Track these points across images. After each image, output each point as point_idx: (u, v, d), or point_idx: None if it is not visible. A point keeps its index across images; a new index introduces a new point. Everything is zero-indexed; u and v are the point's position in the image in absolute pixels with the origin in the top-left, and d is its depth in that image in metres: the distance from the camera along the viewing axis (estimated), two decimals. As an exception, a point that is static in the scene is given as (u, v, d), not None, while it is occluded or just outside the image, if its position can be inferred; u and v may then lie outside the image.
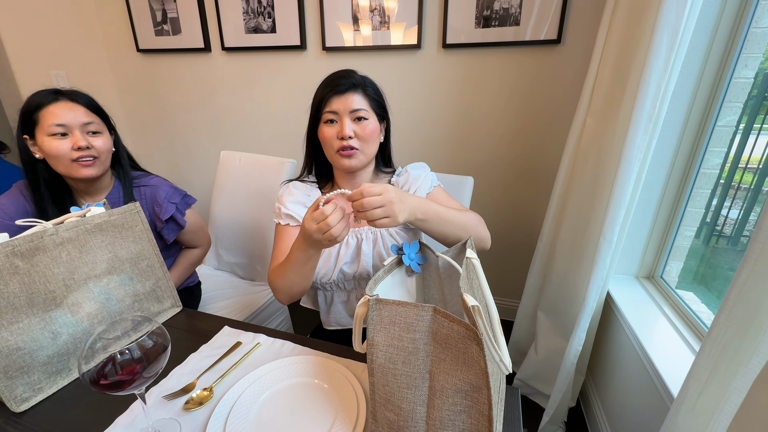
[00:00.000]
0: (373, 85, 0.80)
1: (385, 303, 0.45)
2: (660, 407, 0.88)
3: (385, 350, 0.45)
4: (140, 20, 1.84)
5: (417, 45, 1.52)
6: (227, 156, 1.45)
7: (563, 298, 1.23)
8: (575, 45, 1.37)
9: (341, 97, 0.75)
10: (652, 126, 0.87)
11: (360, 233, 0.83)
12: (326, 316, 0.90)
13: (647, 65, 0.83)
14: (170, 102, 2.00)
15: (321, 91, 0.78)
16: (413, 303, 0.44)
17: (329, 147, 0.78)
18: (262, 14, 1.66)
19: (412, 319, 0.44)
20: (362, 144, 0.77)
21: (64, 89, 0.90)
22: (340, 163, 0.78)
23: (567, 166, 1.19)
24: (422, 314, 0.44)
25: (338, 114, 0.76)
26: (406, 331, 0.44)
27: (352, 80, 0.76)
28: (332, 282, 0.83)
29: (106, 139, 0.93)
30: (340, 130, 0.75)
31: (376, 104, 0.80)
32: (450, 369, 0.42)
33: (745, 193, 1.21)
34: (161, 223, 1.00)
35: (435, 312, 0.43)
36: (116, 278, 0.74)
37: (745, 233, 1.22)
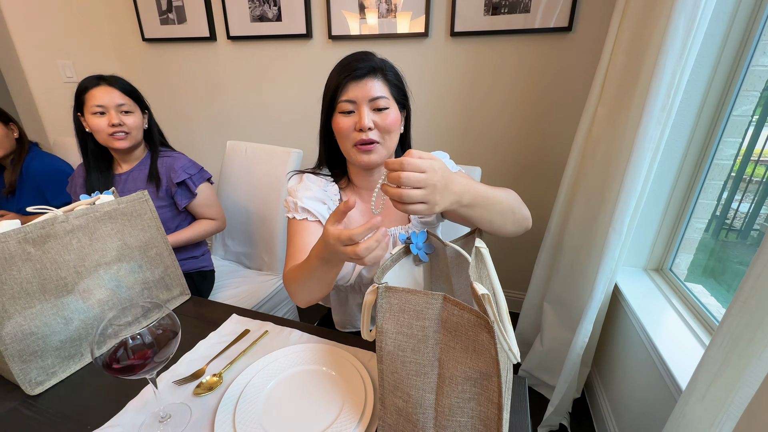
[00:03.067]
0: (393, 70, 0.72)
1: (395, 291, 0.45)
2: (667, 399, 0.88)
3: (394, 337, 0.45)
4: (145, 9, 1.83)
5: (425, 33, 1.50)
6: (233, 146, 1.45)
7: (570, 290, 1.23)
8: (587, 32, 1.34)
9: (359, 83, 0.66)
10: (665, 115, 0.85)
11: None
12: (341, 316, 0.88)
13: (662, 52, 0.81)
14: (176, 92, 2.00)
15: (336, 77, 0.68)
16: (423, 291, 0.44)
17: (345, 140, 0.70)
18: (268, 2, 1.64)
19: (422, 307, 0.44)
20: (383, 136, 0.69)
21: (106, 75, 1.09)
22: (357, 158, 0.70)
23: (576, 156, 1.17)
24: (432, 302, 0.44)
25: (356, 103, 0.67)
26: (415, 318, 0.44)
27: (371, 63, 0.67)
28: (349, 285, 0.80)
29: (137, 118, 1.11)
30: (359, 120, 0.66)
31: (397, 90, 0.71)
32: (460, 357, 0.42)
33: (757, 186, 1.19)
34: (174, 186, 1.12)
35: (445, 300, 0.43)
36: (126, 266, 0.75)
37: (755, 227, 1.20)
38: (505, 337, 0.43)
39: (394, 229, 0.79)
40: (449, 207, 0.53)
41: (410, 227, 0.80)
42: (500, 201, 0.62)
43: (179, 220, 1.19)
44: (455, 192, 0.53)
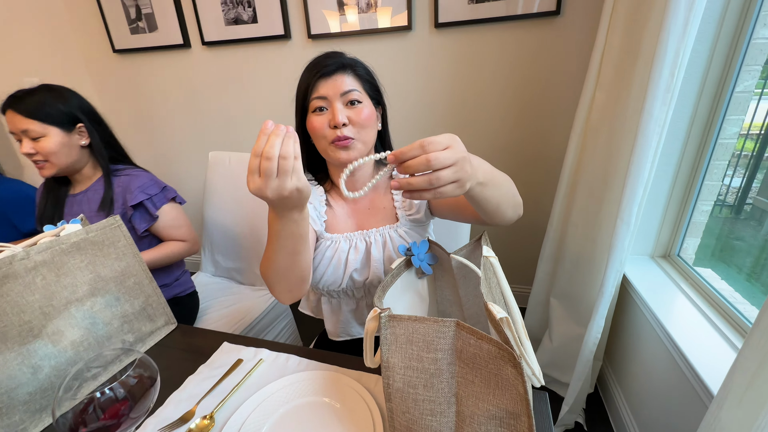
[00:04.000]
0: (363, 66, 0.71)
1: (400, 319, 0.39)
2: (685, 389, 0.85)
3: (402, 373, 0.39)
4: (113, 19, 1.74)
5: (408, 26, 1.43)
6: (216, 157, 1.37)
7: (577, 284, 1.18)
8: (576, 15, 1.29)
9: (329, 79, 0.65)
10: (670, 96, 0.80)
11: (368, 236, 0.75)
12: (333, 326, 0.84)
13: (664, 29, 0.76)
14: (152, 103, 1.91)
15: (305, 77, 0.68)
16: (432, 318, 0.38)
17: (321, 139, 0.68)
18: (242, 3, 1.56)
19: (432, 337, 0.38)
20: (358, 131, 0.67)
21: (18, 93, 0.93)
22: (335, 156, 0.68)
23: (576, 144, 1.12)
24: (443, 330, 0.38)
25: (328, 99, 0.65)
26: (425, 350, 0.39)
27: (340, 60, 0.67)
28: (340, 290, 0.76)
29: (52, 141, 0.94)
30: (332, 117, 0.65)
31: (369, 86, 0.70)
32: (480, 392, 0.37)
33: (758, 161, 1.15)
34: (130, 210, 1.00)
35: (458, 327, 0.38)
36: (101, 300, 0.68)
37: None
38: (527, 360, 0.38)
39: (383, 229, 0.75)
40: (473, 183, 0.46)
41: (398, 226, 0.75)
42: (503, 181, 0.58)
43: (143, 245, 1.06)
44: (475, 165, 0.47)
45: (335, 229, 0.76)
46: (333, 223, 0.76)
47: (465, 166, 0.43)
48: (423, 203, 0.75)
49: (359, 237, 0.75)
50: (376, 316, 0.44)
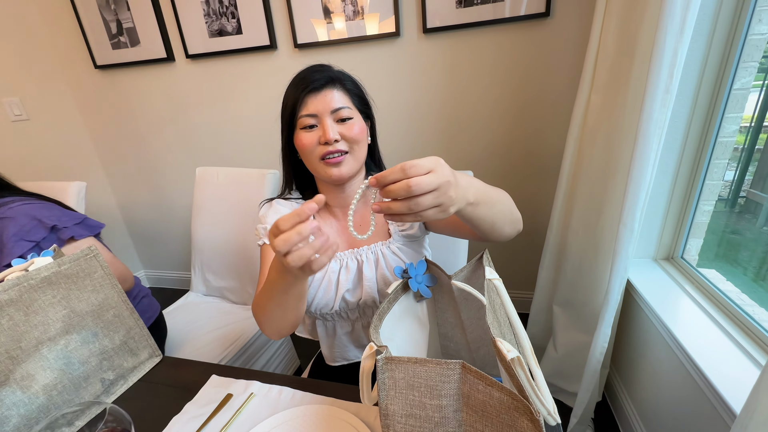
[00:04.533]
0: (352, 79, 0.69)
1: (399, 362, 0.35)
2: (696, 395, 0.82)
3: (404, 422, 0.35)
4: (94, 34, 1.69)
5: (396, 33, 1.41)
6: (203, 172, 1.33)
7: (580, 291, 1.15)
8: (566, 16, 1.27)
9: (318, 95, 0.63)
10: (669, 97, 0.77)
11: (359, 255, 0.71)
12: (329, 350, 0.79)
13: (661, 28, 0.73)
14: (137, 119, 1.86)
15: (292, 92, 0.65)
16: (435, 360, 0.34)
17: (311, 156, 0.65)
18: (225, 15, 1.53)
19: (436, 381, 0.34)
20: (351, 146, 0.65)
21: None
22: (327, 173, 0.65)
23: (573, 149, 1.10)
24: (448, 373, 0.34)
25: (317, 116, 0.63)
26: (429, 396, 0.35)
27: (328, 74, 0.64)
28: (334, 312, 0.72)
29: None
30: (323, 134, 0.62)
31: (358, 100, 0.68)
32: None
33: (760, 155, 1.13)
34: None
35: (464, 370, 0.34)
36: (76, 337, 0.63)
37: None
38: (541, 397, 0.34)
39: (374, 246, 0.71)
40: (462, 205, 0.45)
41: (391, 242, 0.72)
42: (498, 199, 0.56)
43: None
44: (463, 186, 0.45)
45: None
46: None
47: (448, 191, 0.41)
48: (417, 223, 0.72)
49: (350, 256, 0.71)
50: (372, 353, 0.40)
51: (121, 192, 2.09)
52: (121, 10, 1.62)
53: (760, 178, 1.08)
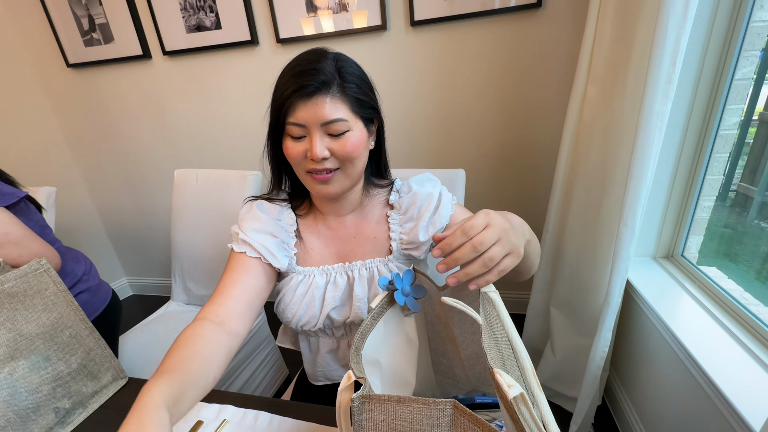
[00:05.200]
0: (354, 76, 0.56)
1: (378, 401, 0.30)
2: (698, 396, 0.78)
3: None
4: (65, 31, 1.60)
5: (382, 26, 1.35)
6: (182, 175, 1.25)
7: (578, 292, 1.10)
8: (559, 6, 1.22)
9: (308, 102, 0.52)
10: (671, 87, 0.73)
11: (351, 270, 0.64)
12: (312, 367, 0.73)
13: (662, 13, 0.68)
14: (114, 119, 1.77)
15: (281, 89, 0.54)
16: (422, 399, 0.29)
17: (297, 167, 0.58)
18: (203, 9, 1.45)
19: (423, 425, 0.29)
20: (343, 163, 0.56)
21: None
22: (313, 188, 0.59)
23: (569, 144, 1.05)
24: (437, 416, 0.28)
25: (306, 127, 0.54)
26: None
27: (321, 76, 0.52)
28: (317, 329, 0.65)
29: None
30: (310, 149, 0.54)
31: (359, 104, 0.56)
32: None
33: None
34: None
35: (456, 411, 0.28)
36: (24, 363, 0.56)
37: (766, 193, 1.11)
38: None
39: (370, 262, 0.64)
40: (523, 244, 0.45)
41: (390, 259, 0.65)
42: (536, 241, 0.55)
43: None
44: (518, 226, 0.46)
45: (308, 262, 0.65)
46: (305, 255, 0.66)
47: (510, 237, 0.42)
48: (426, 242, 0.63)
49: (339, 270, 0.64)
50: (349, 386, 0.34)
51: (100, 196, 2.00)
52: (92, 5, 1.53)
53: (751, 172, 1.05)
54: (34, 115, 1.77)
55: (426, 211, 0.63)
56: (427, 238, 0.63)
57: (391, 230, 0.65)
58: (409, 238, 0.64)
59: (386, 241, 0.66)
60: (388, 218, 0.66)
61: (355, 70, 0.57)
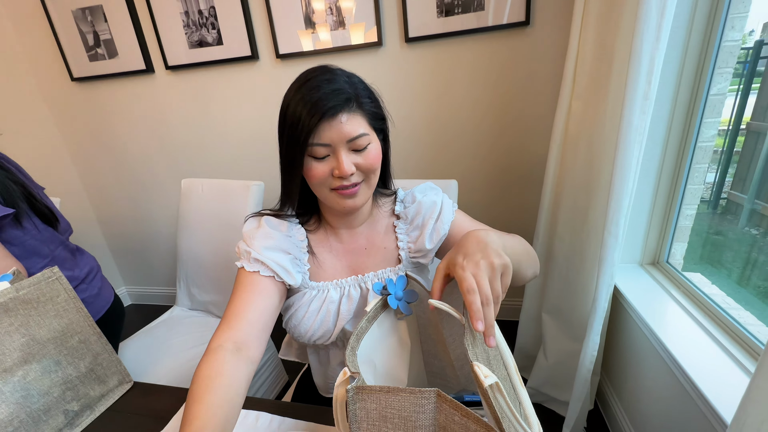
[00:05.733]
0: (367, 92, 0.58)
1: (370, 391, 0.33)
2: (684, 400, 0.81)
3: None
4: (70, 46, 1.65)
5: (378, 42, 1.40)
6: (189, 184, 1.30)
7: (568, 298, 1.14)
8: (546, 24, 1.28)
9: (333, 121, 0.53)
10: (648, 104, 0.78)
11: (364, 282, 0.65)
12: (323, 379, 0.74)
13: (637, 35, 0.73)
14: (117, 131, 1.82)
15: (301, 113, 0.53)
16: (409, 389, 0.32)
17: (321, 186, 0.58)
18: (205, 26, 1.50)
19: (410, 412, 0.32)
20: (367, 175, 0.58)
21: None
22: (339, 204, 0.59)
23: (556, 155, 1.09)
24: (422, 403, 0.32)
25: (331, 146, 0.55)
26: (403, 428, 0.33)
27: (343, 95, 0.54)
28: (330, 343, 0.66)
29: None
30: (338, 166, 0.55)
31: (375, 117, 0.58)
32: None
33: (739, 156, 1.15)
34: None
35: (439, 399, 0.32)
36: (36, 367, 0.59)
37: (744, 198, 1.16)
38: (522, 425, 0.32)
39: (381, 272, 0.66)
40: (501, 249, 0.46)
41: (400, 268, 0.67)
42: (522, 249, 0.57)
43: None
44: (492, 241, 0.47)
45: (321, 276, 0.66)
46: (317, 270, 0.66)
47: (491, 258, 0.43)
48: (433, 249, 0.66)
49: (353, 283, 0.65)
50: (345, 380, 0.38)
51: (100, 206, 2.03)
52: (97, 22, 1.59)
53: (740, 180, 1.10)
54: (38, 127, 1.81)
55: (430, 219, 0.65)
56: (432, 246, 0.65)
57: (398, 239, 0.67)
58: (416, 247, 0.66)
59: (395, 250, 0.68)
60: (395, 228, 0.68)
61: (366, 87, 0.60)
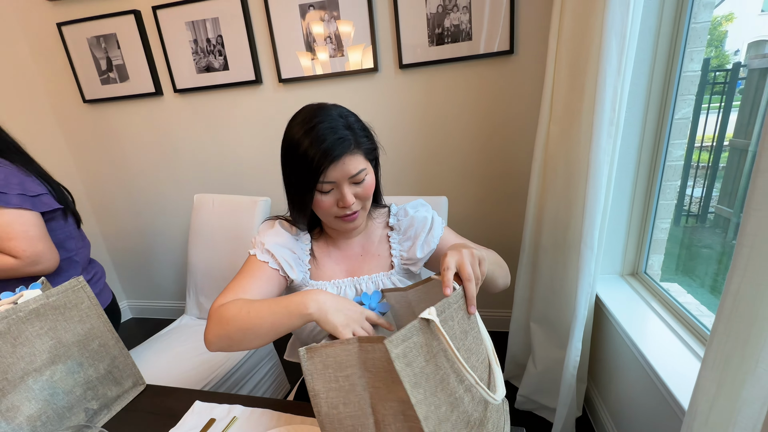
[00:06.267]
0: (363, 131, 0.67)
1: (315, 349, 0.44)
2: (663, 407, 0.86)
3: (325, 396, 0.44)
4: (83, 70, 1.76)
5: (374, 68, 1.51)
6: (201, 199, 1.38)
7: (553, 308, 1.20)
8: (528, 53, 1.40)
9: (337, 163, 0.61)
10: (614, 128, 0.87)
11: (359, 283, 0.74)
12: None
13: (601, 70, 0.83)
14: (126, 150, 1.90)
15: (312, 159, 0.60)
16: (339, 341, 0.43)
17: (326, 214, 0.68)
18: (213, 53, 1.61)
19: (342, 357, 0.43)
20: (363, 202, 0.69)
21: None
22: (342, 228, 0.70)
23: (538, 174, 1.18)
24: (349, 348, 0.43)
25: (336, 183, 0.64)
26: (339, 370, 0.43)
27: (345, 141, 0.61)
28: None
29: None
30: (341, 198, 0.64)
31: (369, 151, 0.68)
32: (385, 394, 0.42)
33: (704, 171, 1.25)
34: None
35: (360, 341, 0.43)
36: (62, 367, 0.65)
37: (710, 210, 1.26)
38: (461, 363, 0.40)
39: (375, 276, 0.75)
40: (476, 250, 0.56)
41: (392, 273, 0.76)
42: (492, 259, 0.65)
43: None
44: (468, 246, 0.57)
45: (321, 276, 0.74)
46: (318, 271, 0.75)
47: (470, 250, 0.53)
48: (423, 258, 0.75)
49: (349, 284, 0.73)
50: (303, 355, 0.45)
51: (105, 221, 2.09)
52: (111, 49, 1.69)
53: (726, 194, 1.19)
54: (49, 146, 1.89)
55: (422, 232, 0.75)
56: (423, 256, 0.74)
57: (392, 248, 0.76)
58: (408, 255, 0.75)
59: (388, 258, 0.76)
60: (389, 238, 0.78)
61: (360, 125, 0.67)
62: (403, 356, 0.37)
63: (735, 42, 1.16)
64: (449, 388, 0.41)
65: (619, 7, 0.80)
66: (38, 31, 1.75)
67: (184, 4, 1.56)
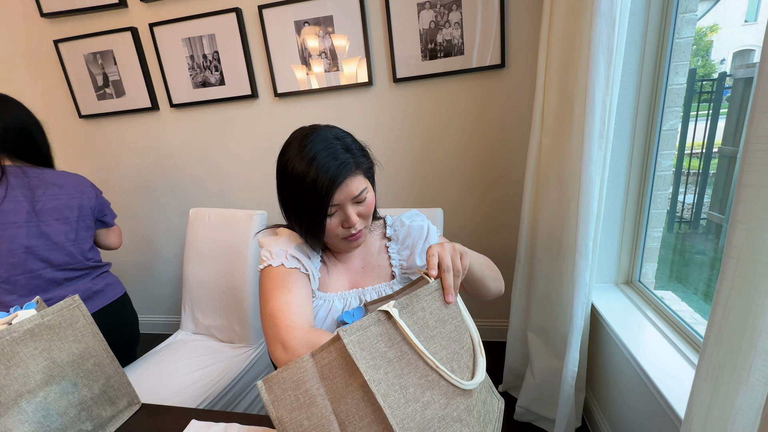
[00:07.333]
0: (360, 151, 0.69)
1: (271, 378, 0.45)
2: (660, 416, 0.86)
3: (290, 420, 0.44)
4: (80, 86, 1.76)
5: (368, 82, 1.53)
6: (196, 213, 1.38)
7: (550, 318, 1.21)
8: (519, 67, 1.43)
9: (342, 187, 0.63)
10: (605, 141, 0.89)
11: (363, 294, 0.75)
12: None
13: (590, 85, 0.85)
14: (122, 164, 1.90)
15: (321, 184, 0.62)
16: (293, 362, 0.44)
17: (331, 234, 0.69)
18: (209, 68, 1.63)
19: (298, 375, 0.44)
20: (365, 221, 0.70)
21: None
22: (347, 248, 0.73)
23: (531, 185, 1.20)
24: (304, 365, 0.44)
25: (340, 205, 0.66)
26: (297, 388, 0.44)
27: (347, 166, 0.63)
28: None
29: None
30: (346, 219, 0.66)
31: (367, 171, 0.70)
32: (343, 390, 0.43)
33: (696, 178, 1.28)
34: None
35: (313, 354, 0.44)
36: (56, 388, 0.64)
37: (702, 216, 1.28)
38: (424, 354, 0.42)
39: (378, 286, 0.76)
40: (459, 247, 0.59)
41: (394, 283, 0.77)
42: (484, 262, 0.69)
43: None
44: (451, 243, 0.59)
45: (328, 288, 0.76)
46: (326, 281, 0.76)
47: (451, 243, 0.56)
48: (422, 266, 0.75)
49: (354, 295, 0.75)
50: None
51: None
52: (107, 65, 1.71)
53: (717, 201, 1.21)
54: (44, 161, 1.89)
55: (419, 240, 0.77)
56: (422, 263, 0.76)
57: (391, 258, 0.78)
58: (407, 264, 0.77)
59: (388, 267, 0.78)
60: (387, 249, 0.80)
61: (357, 145, 0.70)
62: (357, 342, 0.42)
63: (721, 51, 1.20)
64: (419, 371, 0.44)
65: (606, 23, 0.83)
66: (35, 47, 1.76)
67: (180, 21, 1.59)
